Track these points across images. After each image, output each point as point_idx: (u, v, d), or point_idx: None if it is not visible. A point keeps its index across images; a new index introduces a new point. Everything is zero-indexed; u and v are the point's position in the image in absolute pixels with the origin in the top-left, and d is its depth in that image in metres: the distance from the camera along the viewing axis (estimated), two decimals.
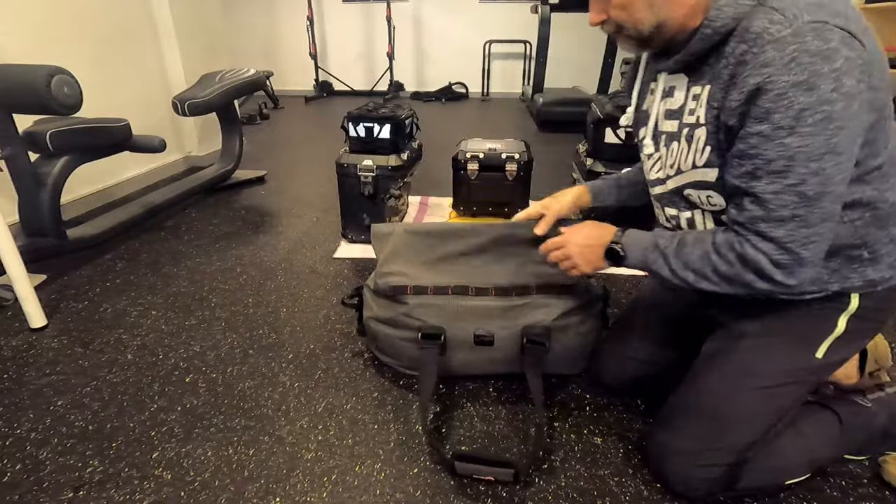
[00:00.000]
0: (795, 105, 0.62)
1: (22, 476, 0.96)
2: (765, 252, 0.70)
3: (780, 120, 0.63)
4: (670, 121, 0.84)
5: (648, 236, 0.86)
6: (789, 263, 0.70)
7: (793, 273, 0.71)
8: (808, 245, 0.69)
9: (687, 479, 0.88)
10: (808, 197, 0.66)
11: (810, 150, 0.63)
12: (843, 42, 0.61)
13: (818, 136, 0.62)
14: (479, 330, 1.12)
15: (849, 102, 0.62)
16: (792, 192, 0.66)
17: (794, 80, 0.61)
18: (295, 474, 0.97)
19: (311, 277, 1.74)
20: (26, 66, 1.57)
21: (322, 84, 5.96)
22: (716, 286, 0.77)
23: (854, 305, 0.79)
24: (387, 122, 1.88)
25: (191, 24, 2.86)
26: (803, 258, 0.69)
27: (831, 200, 0.67)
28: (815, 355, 0.82)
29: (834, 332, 0.81)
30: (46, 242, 1.76)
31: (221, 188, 2.66)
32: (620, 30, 0.79)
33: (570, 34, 5.34)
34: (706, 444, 0.86)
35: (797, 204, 0.66)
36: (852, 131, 0.64)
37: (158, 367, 1.29)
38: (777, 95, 0.62)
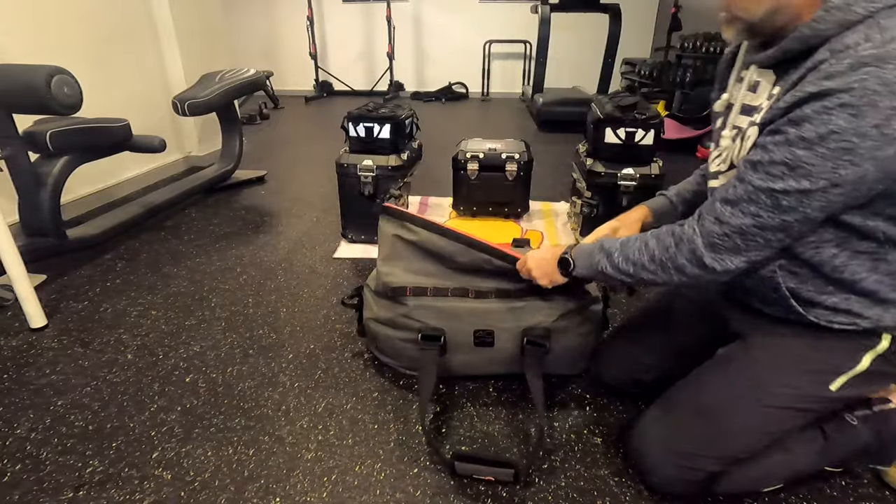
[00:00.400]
0: (830, 125, 0.59)
1: (22, 476, 0.97)
2: (706, 233, 0.73)
3: (807, 131, 0.61)
4: (743, 116, 0.81)
5: (594, 244, 0.90)
6: (722, 250, 0.72)
7: (722, 261, 0.73)
8: (749, 241, 0.70)
9: (668, 476, 0.88)
10: (779, 206, 0.66)
11: (812, 170, 0.62)
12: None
13: (828, 161, 0.61)
14: (479, 331, 1.12)
15: (883, 144, 0.58)
16: (770, 195, 0.66)
17: (846, 100, 0.58)
18: (295, 474, 0.97)
19: (311, 277, 1.74)
20: (26, 66, 1.57)
21: (322, 84, 5.96)
22: (652, 274, 0.80)
23: (884, 346, 0.77)
24: (387, 122, 1.88)
25: (191, 24, 2.86)
26: (739, 250, 0.71)
27: (796, 218, 0.66)
28: (829, 387, 0.80)
29: (855, 369, 0.79)
30: (46, 242, 1.76)
31: (221, 188, 2.66)
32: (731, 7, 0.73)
33: (570, 34, 5.33)
34: (698, 448, 0.85)
35: (766, 207, 0.67)
36: (869, 173, 0.61)
37: (158, 367, 1.29)
38: (823, 108, 0.60)
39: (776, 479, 0.92)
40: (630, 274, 0.83)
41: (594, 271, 0.89)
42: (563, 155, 3.24)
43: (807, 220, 0.67)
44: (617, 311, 1.54)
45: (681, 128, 3.49)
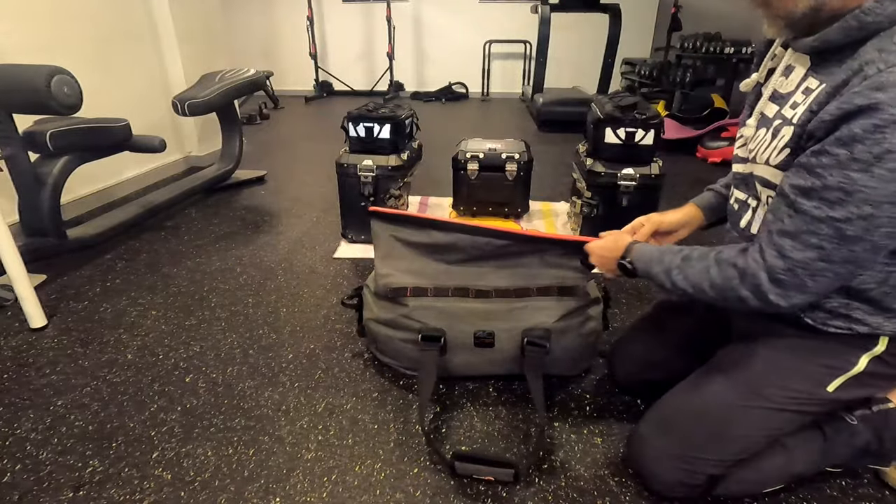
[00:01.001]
0: (885, 144, 0.56)
1: (22, 476, 0.96)
2: (770, 268, 0.68)
3: (861, 152, 0.58)
4: (772, 103, 0.78)
5: (654, 251, 0.87)
6: (789, 286, 0.67)
7: (788, 297, 0.68)
8: (817, 277, 0.65)
9: (669, 482, 0.88)
10: (844, 236, 0.62)
11: (872, 194, 0.58)
12: None
13: (890, 183, 0.57)
14: (479, 331, 1.12)
15: None
16: (832, 225, 0.62)
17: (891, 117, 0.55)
18: (295, 474, 0.97)
19: (311, 277, 1.74)
20: (26, 66, 1.57)
21: (322, 84, 5.96)
22: (710, 299, 0.77)
23: (881, 348, 0.77)
24: (387, 122, 1.88)
25: (191, 24, 2.85)
26: (806, 287, 0.67)
27: (864, 248, 0.62)
28: (826, 388, 0.80)
29: (852, 370, 0.79)
30: (46, 242, 1.76)
31: (221, 188, 2.66)
32: (769, 6, 0.70)
33: (570, 34, 5.34)
34: (698, 451, 0.85)
35: (830, 238, 0.63)
36: None
37: (158, 367, 1.29)
38: (874, 126, 0.56)
39: (777, 481, 0.92)
40: (688, 294, 0.80)
41: (648, 278, 0.88)
42: (563, 155, 3.24)
43: (875, 249, 0.62)
44: (617, 311, 1.54)
45: (681, 128, 3.49)
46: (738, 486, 0.89)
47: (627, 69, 5.12)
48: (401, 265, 1.17)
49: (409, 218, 1.16)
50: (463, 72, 5.97)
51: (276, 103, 4.30)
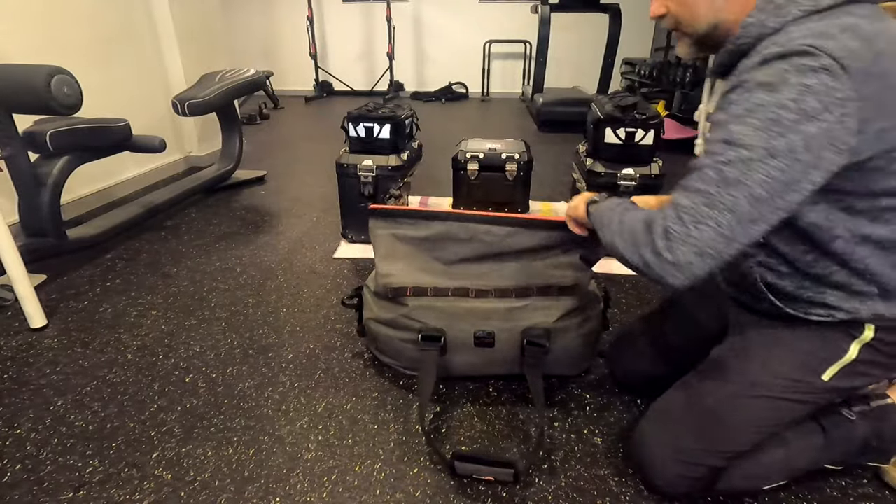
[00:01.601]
0: (753, 100, 0.64)
1: (22, 476, 0.97)
2: (664, 216, 0.70)
3: (735, 110, 0.66)
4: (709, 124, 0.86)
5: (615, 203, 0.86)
6: (675, 237, 0.67)
7: (674, 249, 0.67)
8: (700, 225, 0.66)
9: (671, 476, 0.89)
10: (725, 178, 0.65)
11: (748, 139, 0.64)
12: (826, 71, 0.60)
13: (760, 131, 0.63)
14: (479, 331, 1.12)
15: (803, 119, 0.61)
16: (714, 168, 0.66)
17: (761, 79, 0.64)
18: (295, 474, 0.97)
19: (311, 277, 1.74)
20: (26, 66, 1.57)
21: (322, 84, 5.96)
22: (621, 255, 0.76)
23: (868, 335, 0.78)
24: (387, 122, 1.88)
25: (191, 24, 2.86)
26: (690, 236, 0.66)
27: (744, 195, 0.65)
28: (821, 377, 0.81)
29: (844, 358, 0.80)
30: (46, 242, 1.76)
31: (221, 188, 2.66)
32: (678, 26, 0.79)
33: (570, 34, 5.34)
34: (699, 444, 0.86)
35: (712, 181, 0.66)
36: (797, 147, 0.62)
37: (158, 367, 1.29)
38: (743, 90, 0.66)
39: (777, 477, 0.92)
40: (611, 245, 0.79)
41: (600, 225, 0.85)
42: (563, 155, 3.25)
43: (753, 200, 0.65)
44: (617, 311, 1.54)
45: (681, 128, 3.48)
46: (739, 482, 0.89)
47: (627, 69, 5.12)
48: (401, 265, 1.17)
49: (409, 212, 1.15)
50: (463, 72, 5.97)
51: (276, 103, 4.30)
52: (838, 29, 0.63)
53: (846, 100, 0.61)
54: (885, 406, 0.93)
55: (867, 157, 0.66)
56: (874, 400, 0.94)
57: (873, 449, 0.93)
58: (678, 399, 0.93)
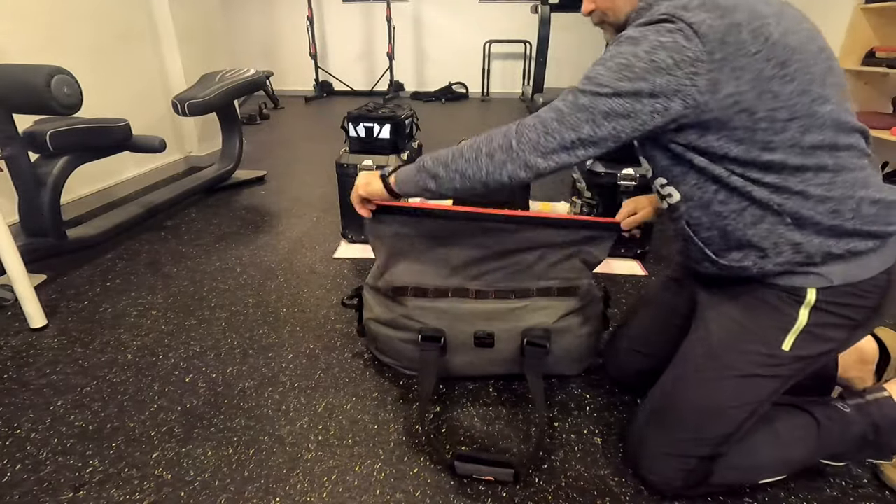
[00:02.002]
0: (616, 49, 0.75)
1: (22, 476, 0.96)
2: (523, 122, 0.82)
3: (604, 55, 0.77)
4: None
5: (413, 164, 0.95)
6: (526, 140, 0.80)
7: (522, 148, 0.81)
8: (548, 136, 0.79)
9: (662, 470, 0.90)
10: (576, 104, 0.77)
11: (602, 79, 0.75)
12: (681, 32, 0.70)
13: (612, 72, 0.74)
14: (479, 332, 1.12)
15: (650, 69, 0.71)
16: (572, 93, 0.78)
17: (628, 35, 0.75)
18: (295, 474, 0.97)
19: (311, 277, 1.74)
20: (26, 66, 1.57)
21: (322, 84, 5.96)
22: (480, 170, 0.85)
23: (811, 298, 0.80)
24: (387, 122, 1.88)
25: (191, 24, 2.86)
26: (539, 144, 0.80)
27: (588, 121, 0.76)
28: (781, 347, 0.82)
29: (797, 325, 0.81)
30: (46, 242, 1.76)
31: (221, 188, 2.66)
32: (605, 18, 0.89)
33: (570, 34, 5.34)
34: (682, 434, 0.88)
35: (567, 102, 0.78)
36: (643, 92, 0.72)
37: (158, 367, 1.29)
38: (615, 44, 0.77)
39: (773, 470, 0.92)
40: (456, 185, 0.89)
41: (420, 191, 0.94)
42: None
43: (595, 126, 0.76)
44: (617, 311, 1.54)
45: None
46: (733, 473, 0.90)
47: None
48: (402, 264, 1.17)
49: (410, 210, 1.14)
50: (463, 72, 5.97)
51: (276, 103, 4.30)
52: (697, 3, 0.72)
53: (696, 60, 0.69)
54: (881, 399, 0.92)
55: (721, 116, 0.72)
56: (870, 392, 0.94)
57: (871, 444, 0.93)
58: (658, 394, 0.95)
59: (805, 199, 0.76)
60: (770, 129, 0.72)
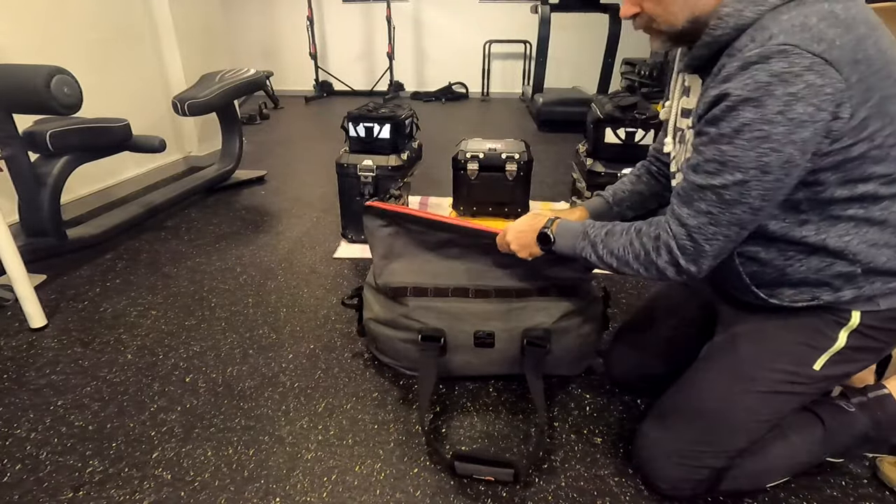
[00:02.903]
0: (740, 118, 0.65)
1: (22, 476, 0.96)
2: (675, 236, 0.76)
3: (724, 128, 0.67)
4: (684, 118, 0.87)
5: (578, 225, 0.91)
6: (692, 252, 0.75)
7: (695, 261, 0.75)
8: (711, 241, 0.73)
9: (674, 479, 0.89)
10: (725, 200, 0.70)
11: (740, 161, 0.66)
12: (810, 70, 0.60)
13: (750, 151, 0.65)
14: (479, 332, 1.12)
15: (793, 128, 0.62)
16: (714, 192, 0.70)
17: (746, 95, 0.64)
18: (295, 474, 0.97)
19: (311, 277, 1.74)
20: (26, 66, 1.57)
21: (322, 84, 5.96)
22: (636, 272, 0.82)
23: (855, 321, 0.78)
24: (387, 122, 1.88)
25: (191, 24, 2.86)
26: (704, 251, 0.74)
27: (745, 210, 0.69)
28: (812, 367, 0.81)
29: (834, 347, 0.80)
30: (46, 242, 1.76)
31: (221, 188, 2.66)
32: (653, 24, 0.77)
33: (570, 34, 5.33)
34: (700, 445, 0.86)
35: (714, 203, 0.71)
36: (789, 156, 0.64)
37: (158, 367, 1.29)
38: (728, 107, 0.66)
39: (780, 473, 0.92)
40: (614, 268, 0.85)
41: (574, 254, 0.90)
42: (563, 155, 3.24)
43: (753, 210, 0.70)
44: (617, 311, 1.54)
45: None
46: (743, 480, 0.89)
47: (627, 69, 5.12)
48: (400, 263, 1.17)
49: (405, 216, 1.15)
50: (463, 72, 5.96)
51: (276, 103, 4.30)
52: (816, 18, 0.62)
53: (837, 92, 0.61)
54: (882, 396, 0.93)
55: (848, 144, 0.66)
56: (872, 391, 0.95)
57: (872, 440, 0.93)
58: (675, 401, 0.93)
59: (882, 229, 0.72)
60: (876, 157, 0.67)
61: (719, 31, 0.70)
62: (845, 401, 0.93)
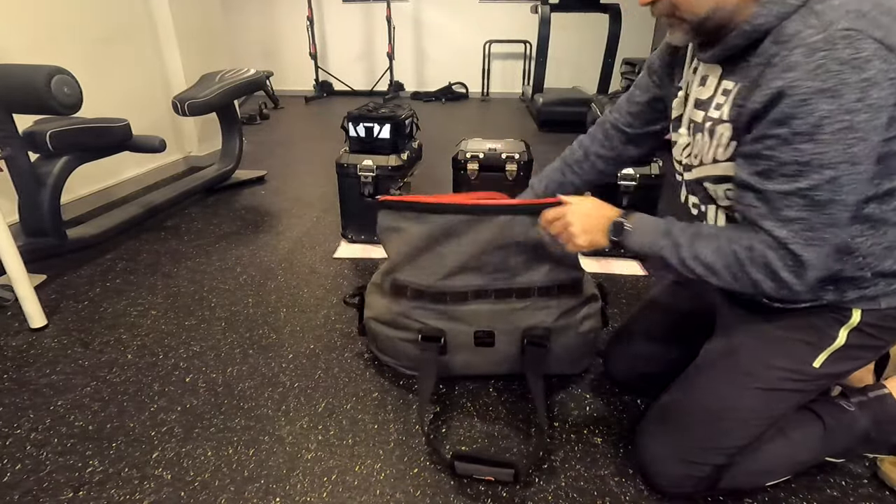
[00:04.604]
0: (816, 112, 0.61)
1: (22, 476, 0.96)
2: (770, 248, 0.70)
3: (799, 125, 0.62)
4: (697, 110, 0.83)
5: (660, 221, 0.83)
6: (793, 264, 0.69)
7: (797, 273, 0.69)
8: (808, 247, 0.68)
9: (676, 477, 0.89)
10: (816, 202, 0.65)
11: (827, 157, 0.62)
12: (876, 54, 0.59)
13: (836, 144, 0.61)
14: (479, 331, 1.12)
15: (874, 114, 0.60)
16: (801, 195, 0.65)
17: (818, 86, 0.60)
18: (295, 474, 0.97)
19: (311, 277, 1.74)
20: (26, 66, 1.57)
21: (322, 84, 5.96)
22: (723, 282, 0.75)
23: (855, 319, 0.78)
24: (387, 122, 1.88)
25: (191, 24, 2.85)
26: (805, 260, 0.68)
27: (840, 208, 0.66)
28: (812, 364, 0.81)
29: (833, 344, 0.80)
30: (46, 242, 1.76)
31: (221, 188, 2.66)
32: (675, 12, 0.74)
33: (570, 34, 5.33)
34: (699, 443, 0.87)
35: (804, 207, 0.66)
36: (873, 143, 0.63)
37: (158, 367, 1.28)
38: (800, 101, 0.61)
39: (780, 473, 0.92)
40: (697, 273, 0.77)
41: (651, 251, 0.81)
42: None
43: (847, 207, 0.66)
44: (617, 311, 1.54)
45: None
46: (743, 479, 0.89)
47: (627, 69, 5.11)
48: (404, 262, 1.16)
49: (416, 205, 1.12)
50: (463, 72, 5.96)
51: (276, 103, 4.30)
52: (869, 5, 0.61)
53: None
54: (882, 396, 0.94)
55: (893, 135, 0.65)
56: (872, 390, 0.95)
57: (872, 440, 0.93)
58: (675, 400, 0.93)
59: None
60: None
61: (761, 20, 0.67)
62: (845, 400, 0.94)
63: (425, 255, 1.14)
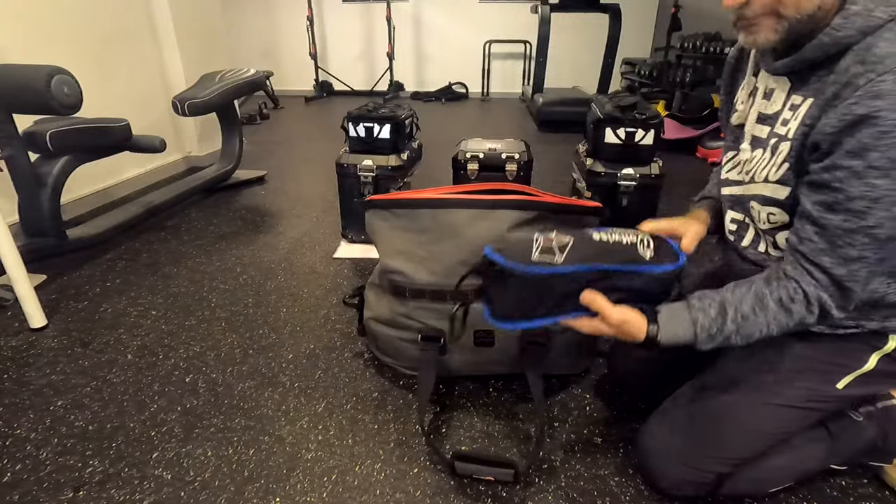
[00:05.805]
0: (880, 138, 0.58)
1: (22, 476, 0.96)
2: (824, 287, 0.68)
3: (876, 160, 0.59)
4: (760, 125, 0.79)
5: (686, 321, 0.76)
6: (840, 299, 0.68)
7: (844, 306, 0.69)
8: (863, 283, 0.67)
9: (676, 480, 0.88)
10: (878, 240, 0.63)
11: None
12: None
13: None
14: (479, 330, 1.11)
15: None
16: (866, 234, 0.63)
17: None
18: (295, 474, 0.97)
19: (311, 277, 1.74)
20: (26, 66, 1.57)
21: (322, 84, 5.96)
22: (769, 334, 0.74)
23: (891, 346, 0.78)
24: (387, 122, 1.88)
25: (191, 24, 2.85)
26: (854, 294, 0.67)
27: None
28: (835, 385, 0.81)
29: (862, 368, 0.79)
30: (46, 242, 1.76)
31: (221, 188, 2.66)
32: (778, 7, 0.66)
33: (570, 34, 5.33)
34: (706, 450, 0.85)
35: (867, 245, 0.64)
36: None
37: (158, 367, 1.28)
38: (881, 133, 0.58)
39: (783, 480, 0.92)
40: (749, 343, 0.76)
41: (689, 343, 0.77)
42: (563, 155, 3.24)
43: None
44: None
45: (681, 128, 3.49)
46: (746, 486, 0.89)
47: (627, 69, 5.12)
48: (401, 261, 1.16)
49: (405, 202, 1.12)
50: (463, 72, 5.96)
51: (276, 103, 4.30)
52: None
53: None
54: (890, 407, 0.93)
55: None
56: (880, 400, 0.94)
57: (878, 450, 0.93)
58: (685, 406, 0.92)
59: None
60: None
61: (843, 33, 0.63)
62: (854, 410, 0.93)
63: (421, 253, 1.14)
